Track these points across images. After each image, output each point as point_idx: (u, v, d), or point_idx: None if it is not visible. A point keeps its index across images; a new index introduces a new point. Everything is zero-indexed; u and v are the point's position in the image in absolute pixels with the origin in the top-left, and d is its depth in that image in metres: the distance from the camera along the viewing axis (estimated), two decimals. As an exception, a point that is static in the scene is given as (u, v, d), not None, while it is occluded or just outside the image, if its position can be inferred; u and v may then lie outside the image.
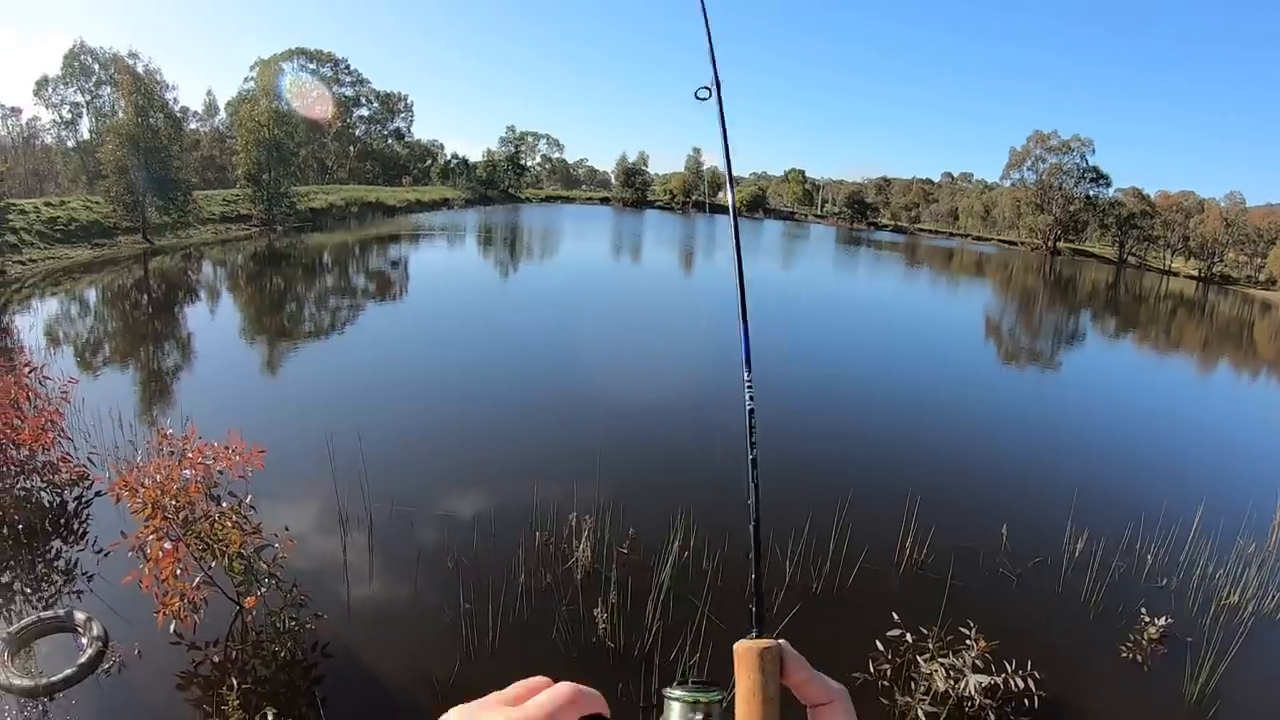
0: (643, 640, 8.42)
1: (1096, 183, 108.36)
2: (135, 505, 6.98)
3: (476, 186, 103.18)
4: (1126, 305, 64.17)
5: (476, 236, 61.53)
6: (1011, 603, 10.46)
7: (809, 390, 20.47)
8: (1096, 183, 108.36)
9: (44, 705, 6.62)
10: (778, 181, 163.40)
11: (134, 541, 6.96)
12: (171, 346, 21.14)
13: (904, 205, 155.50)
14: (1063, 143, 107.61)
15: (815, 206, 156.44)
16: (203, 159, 79.53)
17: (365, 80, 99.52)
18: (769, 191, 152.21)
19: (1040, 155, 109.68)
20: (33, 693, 6.58)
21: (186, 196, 43.77)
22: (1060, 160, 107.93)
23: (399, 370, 19.24)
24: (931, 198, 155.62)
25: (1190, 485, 15.88)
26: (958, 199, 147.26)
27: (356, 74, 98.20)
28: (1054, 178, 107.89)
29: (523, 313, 29.73)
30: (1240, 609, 10.74)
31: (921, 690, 7.87)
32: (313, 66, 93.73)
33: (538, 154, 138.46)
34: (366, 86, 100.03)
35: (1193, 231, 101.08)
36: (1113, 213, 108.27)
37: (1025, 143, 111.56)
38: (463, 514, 11.11)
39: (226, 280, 34.77)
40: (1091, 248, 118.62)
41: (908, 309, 44.57)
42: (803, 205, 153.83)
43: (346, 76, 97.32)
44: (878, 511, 12.01)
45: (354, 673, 7.59)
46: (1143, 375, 33.75)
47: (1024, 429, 20.29)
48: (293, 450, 12.23)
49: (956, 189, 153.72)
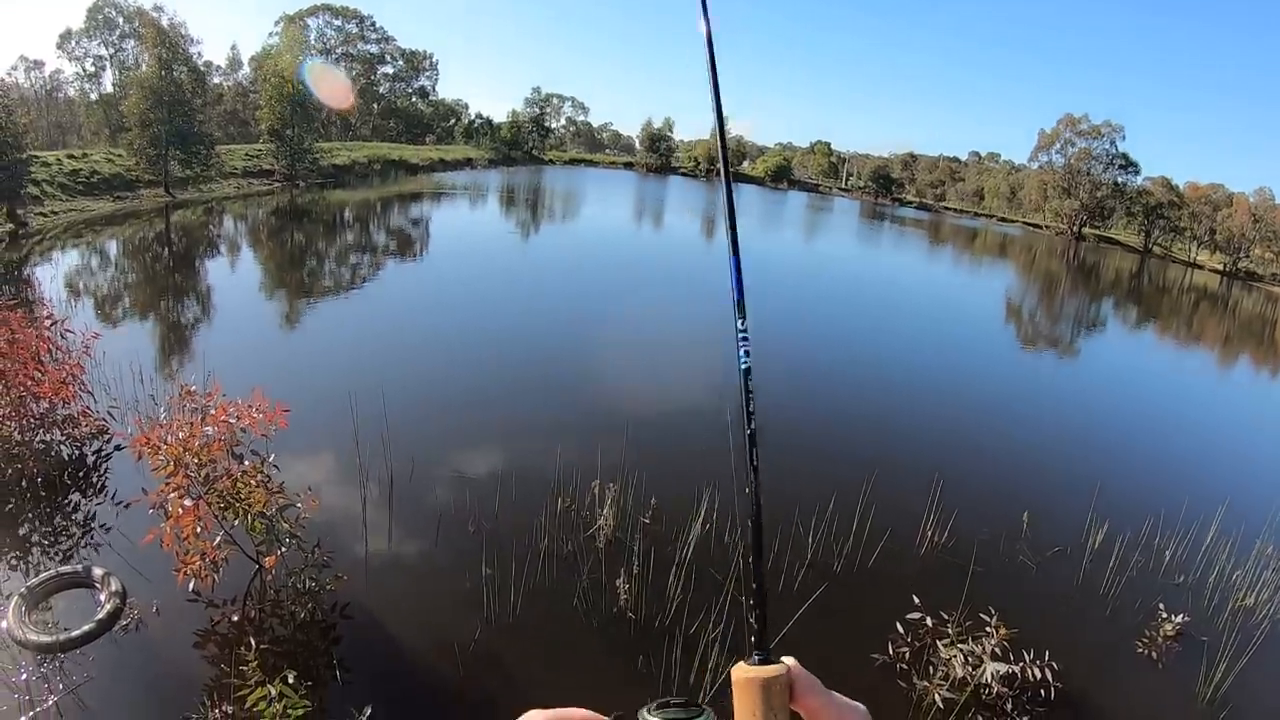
0: (664, 612, 8.38)
1: (1125, 170, 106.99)
2: (157, 463, 6.94)
3: (500, 147, 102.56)
4: (1150, 296, 63.57)
5: (500, 197, 61.27)
6: (1030, 592, 10.41)
7: (835, 369, 20.39)
8: (1125, 170, 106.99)
9: (62, 661, 6.61)
10: (803, 153, 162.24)
11: (155, 499, 6.94)
12: (192, 301, 21.14)
13: (929, 183, 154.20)
14: (1093, 127, 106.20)
15: (840, 179, 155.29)
16: (226, 113, 79.43)
17: (391, 38, 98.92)
18: (794, 163, 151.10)
19: (1069, 139, 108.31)
20: (51, 648, 6.58)
21: (209, 150, 43.61)
22: (1089, 145, 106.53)
23: (423, 331, 19.23)
24: (958, 176, 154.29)
25: (1211, 485, 15.75)
26: (984, 179, 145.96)
27: (382, 31, 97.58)
28: (1082, 162, 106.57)
29: (549, 276, 29.64)
30: (1256, 612, 10.65)
31: (940, 675, 7.83)
32: (338, 23, 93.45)
33: (563, 116, 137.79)
34: (392, 44, 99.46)
35: (1220, 225, 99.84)
36: (1140, 201, 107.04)
37: (1055, 125, 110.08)
38: (484, 477, 11.07)
39: (248, 235, 34.78)
40: (1116, 235, 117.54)
41: (932, 289, 44.23)
42: (828, 178, 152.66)
43: (372, 34, 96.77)
44: (901, 493, 11.94)
45: (373, 636, 7.58)
46: (1166, 369, 33.44)
47: (1047, 417, 20.12)
48: (314, 408, 12.19)
49: (983, 169, 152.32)
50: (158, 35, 41.22)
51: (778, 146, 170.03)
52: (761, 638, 0.91)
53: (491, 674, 7.25)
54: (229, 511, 7.17)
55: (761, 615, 0.94)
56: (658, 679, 7.34)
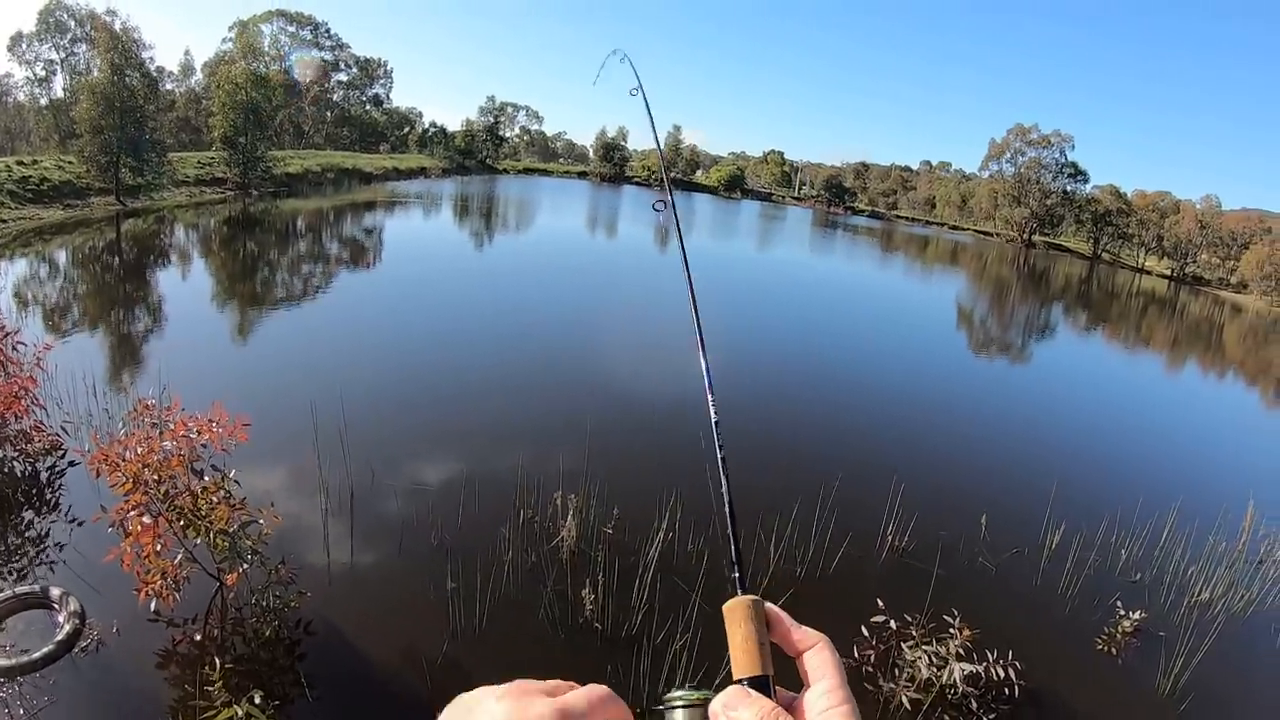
0: (631, 621, 8.39)
1: (1074, 178, 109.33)
2: (116, 480, 6.82)
3: (454, 156, 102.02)
4: (1100, 301, 64.80)
5: (454, 206, 60.86)
6: (991, 592, 10.57)
7: (791, 377, 20.50)
8: (1074, 178, 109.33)
9: (21, 685, 6.45)
10: (756, 162, 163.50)
11: (114, 517, 6.79)
12: (146, 312, 20.75)
13: (881, 191, 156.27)
14: (1042, 137, 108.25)
15: (793, 189, 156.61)
16: (178, 120, 78.28)
17: (345, 45, 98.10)
18: (747, 172, 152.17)
19: (1019, 148, 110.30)
20: (9, 672, 6.41)
21: (161, 158, 42.98)
22: (1039, 154, 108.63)
23: (380, 341, 19.01)
24: (909, 185, 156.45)
25: (1164, 484, 16.12)
26: (935, 187, 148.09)
27: (336, 38, 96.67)
28: (1032, 171, 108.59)
29: (504, 286, 29.42)
30: (1211, 606, 10.91)
31: (906, 677, 7.91)
32: (292, 29, 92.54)
33: (517, 125, 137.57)
34: (346, 51, 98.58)
35: (1167, 231, 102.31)
36: (1089, 209, 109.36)
37: (1005, 135, 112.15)
38: (446, 488, 10.98)
39: (201, 244, 34.25)
40: (1066, 242, 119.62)
41: (886, 296, 44.72)
42: (780, 187, 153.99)
43: (326, 40, 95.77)
44: (861, 498, 12.06)
45: (340, 652, 7.49)
46: (1117, 372, 34.10)
47: (1002, 420, 20.43)
48: (273, 420, 12.04)
49: (934, 177, 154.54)
50: (110, 40, 40.53)
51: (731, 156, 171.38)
52: (742, 578, 1.09)
53: (460, 687, 7.00)
54: (190, 529, 7.05)
55: (740, 565, 1.12)
56: (627, 689, 7.31)
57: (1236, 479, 18.11)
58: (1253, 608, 11.15)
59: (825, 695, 0.92)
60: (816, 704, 0.92)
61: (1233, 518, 13.54)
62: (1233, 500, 14.35)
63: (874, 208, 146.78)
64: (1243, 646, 10.36)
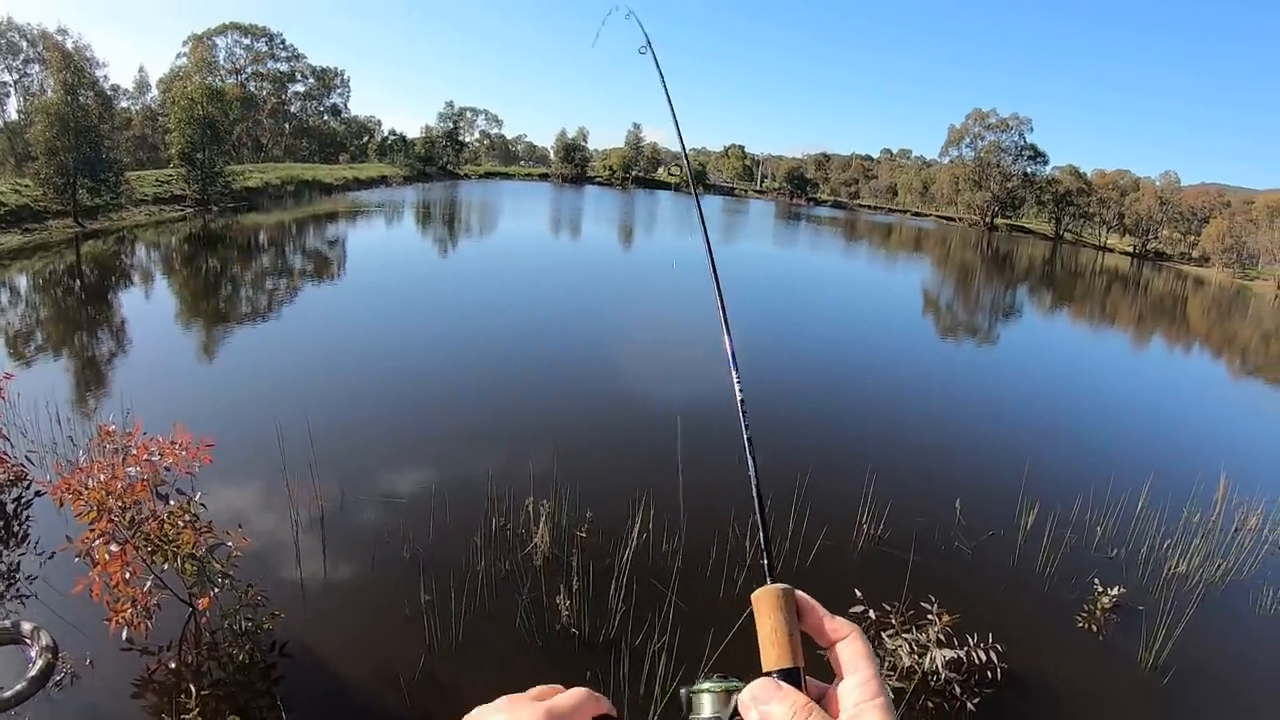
0: (608, 626, 8.35)
1: (1034, 160, 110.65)
2: (80, 508, 6.68)
3: (415, 163, 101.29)
4: (1064, 280, 65.54)
5: (415, 213, 60.49)
6: (969, 576, 10.61)
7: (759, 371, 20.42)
8: (1034, 160, 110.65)
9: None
10: (717, 157, 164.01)
11: (81, 546, 6.65)
12: (108, 335, 20.41)
13: (843, 181, 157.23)
14: (1001, 121, 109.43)
15: (755, 182, 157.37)
16: (135, 138, 77.15)
17: (301, 55, 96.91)
18: (709, 167, 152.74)
19: (979, 133, 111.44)
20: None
21: (119, 177, 42.22)
22: (998, 138, 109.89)
23: (344, 353, 18.76)
24: (870, 174, 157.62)
25: (1136, 458, 16.30)
26: (896, 175, 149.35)
27: (292, 49, 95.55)
28: (992, 155, 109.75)
29: (466, 292, 29.31)
30: (1189, 578, 11.02)
31: (887, 666, 7.91)
32: (246, 41, 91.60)
33: (476, 130, 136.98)
34: (302, 62, 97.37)
35: (1128, 209, 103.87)
36: (1049, 190, 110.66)
37: (964, 120, 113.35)
38: (416, 500, 10.85)
39: (162, 264, 33.75)
40: (1028, 224, 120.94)
41: (852, 285, 44.99)
42: (742, 181, 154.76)
43: (281, 51, 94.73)
44: (835, 488, 12.07)
45: (316, 672, 7.39)
46: (1084, 350, 34.47)
47: (972, 403, 20.56)
48: (239, 440, 11.87)
49: (895, 165, 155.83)
50: (62, 59, 39.90)
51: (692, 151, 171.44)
52: (771, 566, 1.10)
53: (439, 702, 7.13)
54: (157, 555, 6.92)
55: (768, 554, 1.12)
56: (607, 694, 7.25)
57: (1208, 451, 18.32)
58: (1230, 577, 11.28)
59: (859, 688, 0.91)
60: (850, 696, 0.91)
61: (1206, 489, 13.70)
62: (1205, 472, 14.49)
63: (836, 198, 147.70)
64: (1222, 616, 10.47)
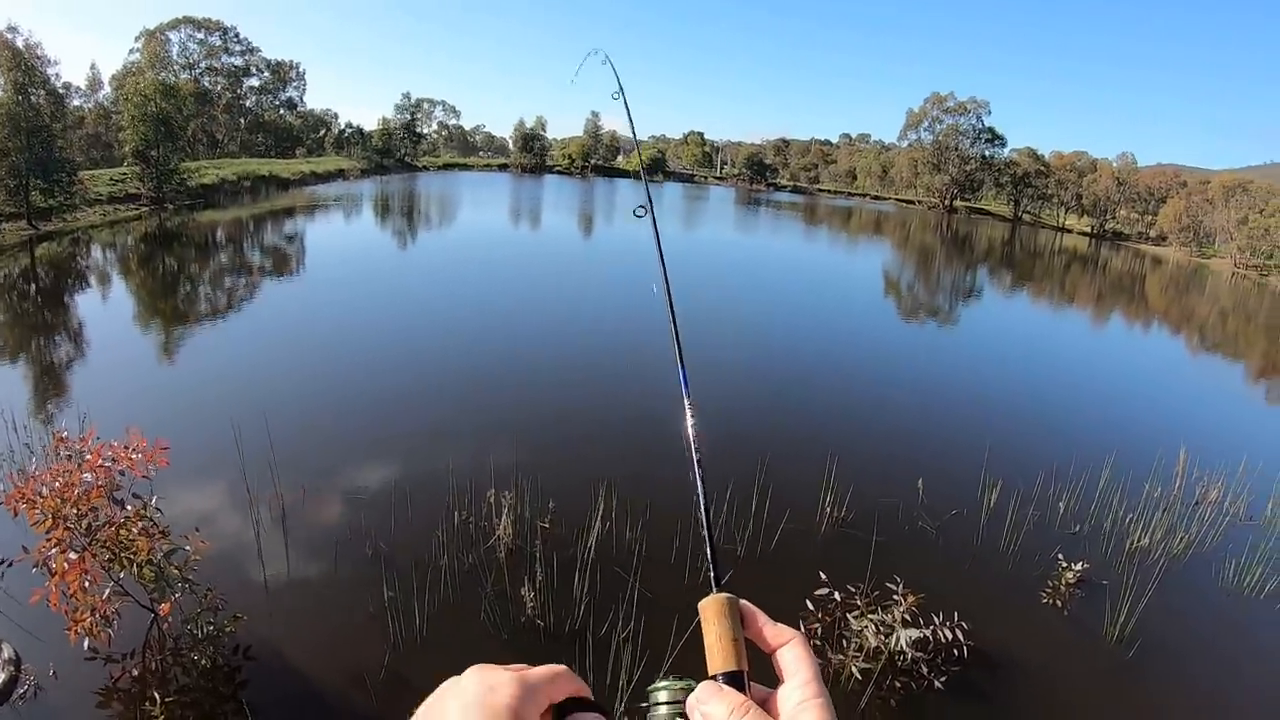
0: (573, 616, 8.35)
1: (992, 143, 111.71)
2: (35, 517, 6.54)
3: (372, 156, 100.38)
4: (1024, 261, 66.22)
5: (374, 207, 59.87)
6: (933, 556, 10.70)
7: (721, 355, 20.44)
8: (992, 143, 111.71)
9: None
10: (677, 144, 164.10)
11: (37, 556, 6.52)
12: (64, 339, 19.99)
13: (803, 166, 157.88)
14: (959, 104, 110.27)
15: (715, 168, 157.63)
16: (88, 137, 75.73)
17: (255, 49, 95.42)
18: (669, 154, 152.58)
19: (937, 116, 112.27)
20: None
21: (72, 177, 41.29)
22: (956, 121, 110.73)
23: (302, 350, 18.58)
24: (830, 159, 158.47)
25: (1097, 435, 16.46)
26: (855, 159, 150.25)
27: (246, 42, 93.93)
28: (950, 138, 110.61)
29: (424, 285, 29.01)
30: (1151, 552, 11.19)
31: (854, 648, 7.95)
32: (200, 35, 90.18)
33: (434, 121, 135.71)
34: (257, 55, 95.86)
35: (1085, 190, 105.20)
36: (1008, 172, 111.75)
37: (922, 104, 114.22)
38: (377, 496, 10.76)
39: (118, 264, 33.10)
40: (987, 206, 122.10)
41: (812, 269, 45.18)
42: (702, 167, 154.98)
43: (236, 45, 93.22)
44: (797, 473, 12.17)
45: (280, 674, 7.32)
46: (1045, 329, 34.87)
47: (933, 384, 20.69)
48: (197, 441, 11.68)
49: (854, 150, 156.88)
50: (13, 58, 39.05)
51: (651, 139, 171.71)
52: (718, 576, 1.09)
53: (405, 699, 6.98)
54: (115, 562, 6.79)
55: (715, 564, 1.11)
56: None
57: (1168, 426, 18.65)
58: (1191, 550, 11.48)
59: (799, 689, 0.94)
60: (791, 698, 0.93)
61: (1166, 464, 13.88)
62: (1165, 447, 14.72)
63: (796, 183, 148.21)
64: (1185, 588, 10.66)
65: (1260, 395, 26.81)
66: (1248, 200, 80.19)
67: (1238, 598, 10.52)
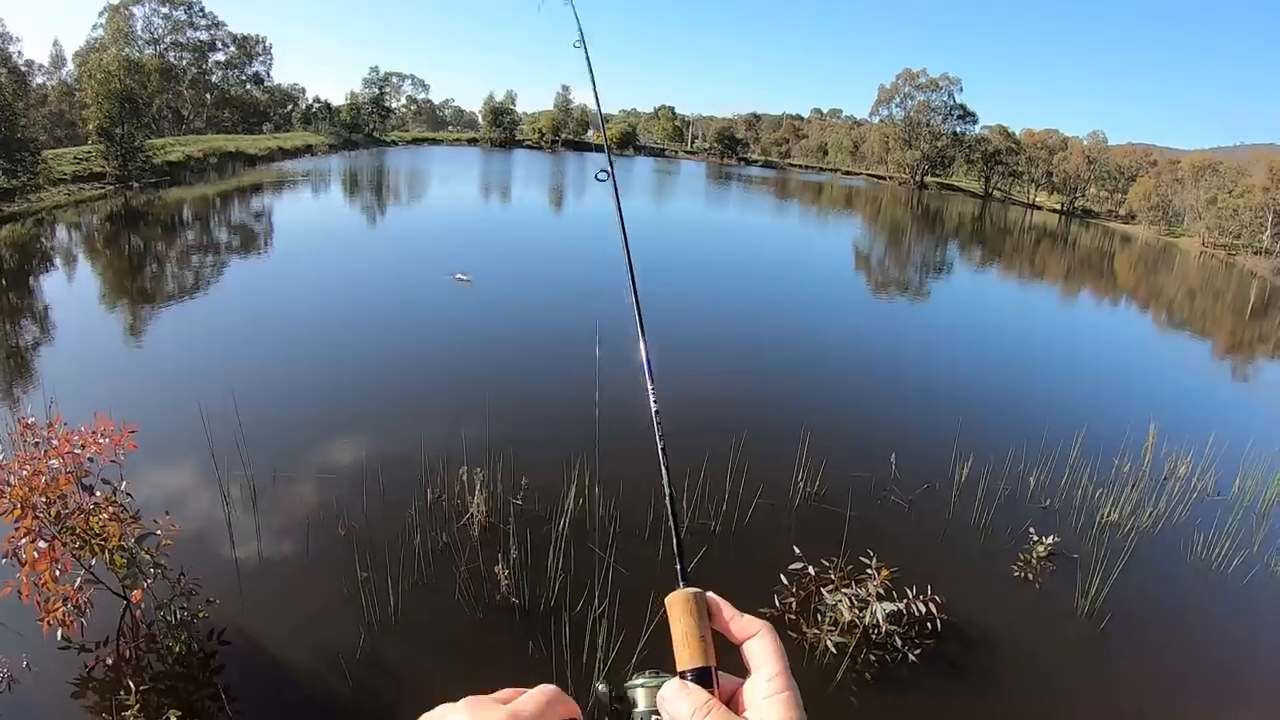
0: (548, 594, 8.35)
1: (963, 120, 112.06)
2: (3, 507, 6.42)
3: (340, 131, 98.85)
4: (994, 237, 66.61)
5: (342, 182, 59.32)
6: (906, 530, 10.80)
7: (695, 332, 20.45)
8: (963, 120, 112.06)
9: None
10: (647, 118, 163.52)
11: (6, 546, 6.41)
12: (29, 323, 19.64)
13: (774, 141, 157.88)
14: (931, 80, 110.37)
15: (686, 143, 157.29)
16: (51, 115, 74.36)
17: (221, 23, 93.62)
18: (639, 128, 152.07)
19: (909, 93, 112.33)
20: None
21: (35, 157, 40.57)
22: (928, 98, 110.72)
23: (270, 329, 18.31)
24: (801, 133, 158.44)
25: (1067, 411, 16.61)
26: (827, 134, 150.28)
27: (212, 16, 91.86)
28: (922, 114, 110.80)
29: (393, 261, 28.84)
30: (1121, 526, 11.34)
31: (829, 622, 7.99)
32: (165, 10, 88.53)
33: (403, 95, 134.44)
34: (222, 29, 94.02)
35: (1056, 167, 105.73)
36: (979, 149, 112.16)
37: (894, 80, 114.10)
38: (349, 476, 10.67)
39: (83, 245, 32.52)
40: (958, 182, 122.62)
41: (784, 244, 45.18)
42: (673, 142, 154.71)
43: (201, 19, 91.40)
44: (771, 448, 12.17)
45: (255, 659, 7.28)
46: (1016, 305, 35.14)
47: (905, 359, 20.85)
48: (165, 424, 11.48)
49: (825, 125, 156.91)
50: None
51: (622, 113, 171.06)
52: (684, 572, 1.09)
53: (380, 680, 7.07)
54: (85, 549, 6.68)
55: (681, 558, 1.11)
56: (549, 662, 7.27)
57: (1137, 402, 18.85)
58: (1161, 524, 11.62)
59: (767, 682, 0.94)
60: (758, 690, 0.94)
61: (1135, 440, 14.03)
62: (1134, 423, 14.92)
63: (767, 157, 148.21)
64: (1155, 562, 10.83)
65: (1227, 372, 27.15)
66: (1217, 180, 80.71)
67: (1205, 573, 10.66)
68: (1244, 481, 13.14)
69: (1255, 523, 12.10)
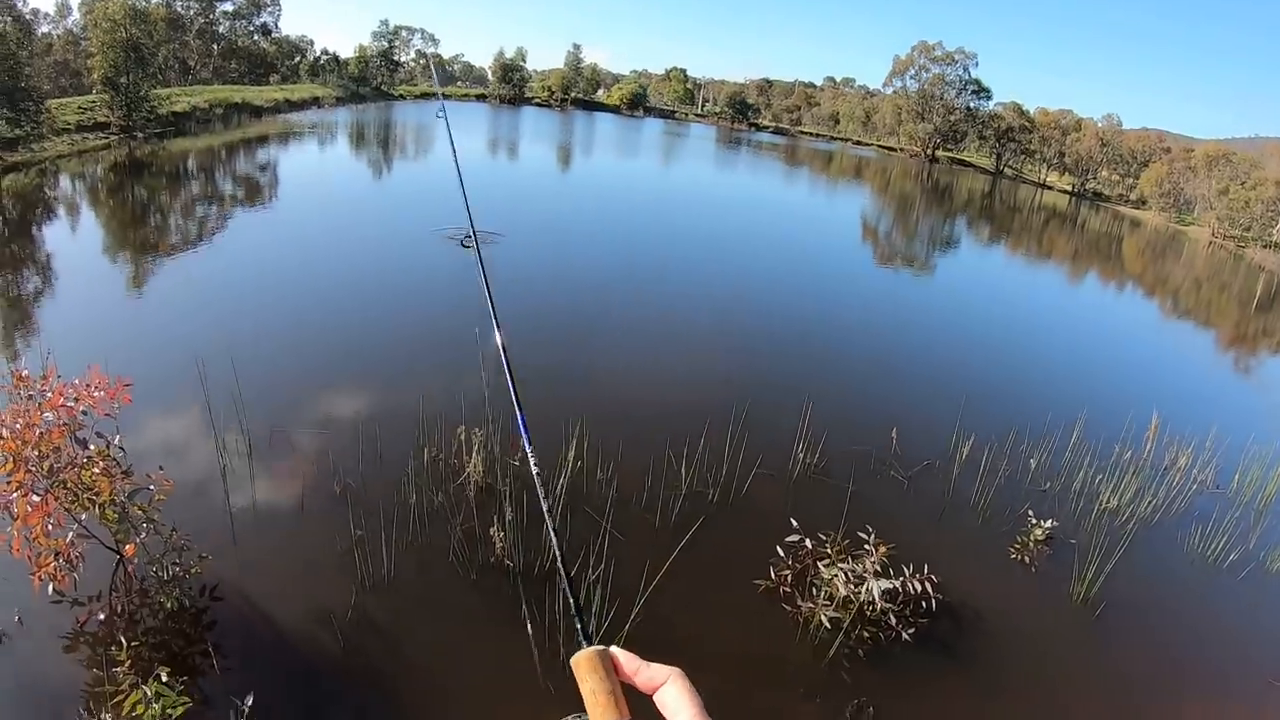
0: (543, 557, 8.29)
1: (977, 95, 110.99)
2: (-6, 460, 6.35)
3: (348, 84, 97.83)
4: (1003, 215, 66.19)
5: (348, 135, 58.90)
6: (905, 506, 10.77)
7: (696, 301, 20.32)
8: (977, 95, 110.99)
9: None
10: (658, 80, 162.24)
11: (-2, 501, 6.34)
12: (28, 274, 19.40)
13: (785, 107, 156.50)
14: (946, 54, 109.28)
15: (696, 106, 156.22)
16: (56, 64, 73.74)
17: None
18: (650, 90, 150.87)
19: (924, 65, 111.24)
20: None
21: (39, 106, 40.09)
22: (943, 71, 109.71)
23: (271, 284, 18.12)
24: (813, 101, 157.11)
25: (1071, 395, 16.51)
26: (839, 103, 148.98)
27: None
28: (936, 88, 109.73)
29: (397, 215, 28.67)
30: (1120, 513, 11.30)
31: (824, 596, 7.96)
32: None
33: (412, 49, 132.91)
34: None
35: (1069, 148, 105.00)
36: (991, 125, 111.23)
37: (909, 52, 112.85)
38: (346, 433, 10.59)
39: (86, 195, 32.31)
40: (969, 157, 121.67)
41: (792, 213, 44.85)
42: (683, 104, 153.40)
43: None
44: (771, 419, 12.15)
45: (247, 616, 7.24)
46: (1023, 285, 34.98)
47: (910, 335, 20.73)
48: (162, 378, 11.38)
49: (838, 94, 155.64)
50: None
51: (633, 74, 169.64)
52: (585, 631, 1.15)
53: (372, 640, 7.05)
54: (78, 504, 6.63)
55: (580, 618, 1.19)
56: (542, 627, 7.23)
57: (1141, 389, 18.78)
58: (1159, 514, 11.57)
59: None
60: None
61: (1138, 427, 13.90)
62: (1137, 410, 14.79)
63: (778, 124, 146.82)
64: (1152, 552, 10.76)
65: (1230, 365, 27.01)
66: (1230, 171, 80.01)
67: (1202, 566, 10.60)
68: (1244, 476, 13.05)
69: (1253, 519, 12.03)
